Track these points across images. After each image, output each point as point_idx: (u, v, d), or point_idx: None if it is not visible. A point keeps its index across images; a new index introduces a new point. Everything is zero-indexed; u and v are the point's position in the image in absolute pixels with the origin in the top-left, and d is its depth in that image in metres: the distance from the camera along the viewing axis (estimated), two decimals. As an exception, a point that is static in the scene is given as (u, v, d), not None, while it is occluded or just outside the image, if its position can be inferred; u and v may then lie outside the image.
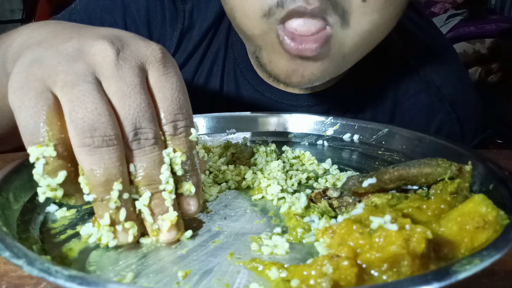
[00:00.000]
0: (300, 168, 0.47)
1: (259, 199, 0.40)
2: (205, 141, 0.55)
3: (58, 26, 0.37)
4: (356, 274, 0.26)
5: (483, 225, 0.29)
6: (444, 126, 0.65)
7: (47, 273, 0.24)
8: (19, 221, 0.34)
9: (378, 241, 0.27)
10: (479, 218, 0.29)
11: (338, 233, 0.29)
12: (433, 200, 0.33)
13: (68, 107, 0.29)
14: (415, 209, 0.32)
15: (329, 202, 0.36)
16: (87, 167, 0.29)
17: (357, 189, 0.36)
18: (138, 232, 0.32)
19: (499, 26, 1.72)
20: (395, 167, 0.36)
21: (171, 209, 0.32)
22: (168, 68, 0.33)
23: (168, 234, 0.32)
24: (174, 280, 0.28)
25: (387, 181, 0.35)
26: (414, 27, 0.69)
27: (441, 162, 0.35)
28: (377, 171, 0.37)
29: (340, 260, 0.26)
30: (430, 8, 2.05)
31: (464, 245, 0.28)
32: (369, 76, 0.65)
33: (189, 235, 0.33)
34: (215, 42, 0.66)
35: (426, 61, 0.66)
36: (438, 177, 0.35)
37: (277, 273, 0.28)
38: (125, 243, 0.32)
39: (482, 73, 1.67)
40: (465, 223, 0.29)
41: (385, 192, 0.36)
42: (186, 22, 0.65)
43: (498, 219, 0.29)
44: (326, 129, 0.57)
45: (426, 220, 0.31)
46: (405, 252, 0.26)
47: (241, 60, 0.66)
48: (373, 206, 0.34)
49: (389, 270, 0.26)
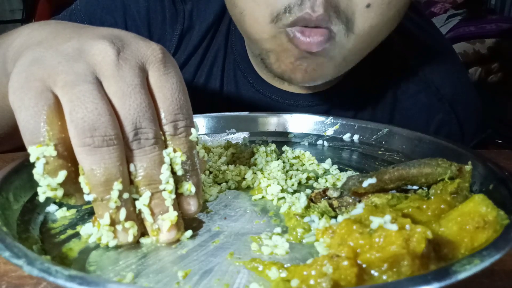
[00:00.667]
0: (300, 168, 0.47)
1: (259, 199, 0.40)
2: (205, 141, 0.55)
3: (58, 26, 0.37)
4: (356, 274, 0.26)
5: (483, 225, 0.29)
6: (443, 126, 0.65)
7: (47, 273, 0.24)
8: (19, 221, 0.34)
9: (378, 241, 0.27)
10: (479, 218, 0.29)
11: (338, 233, 0.29)
12: (433, 200, 0.33)
13: (68, 107, 0.29)
14: (415, 209, 0.32)
15: (329, 202, 0.36)
16: (87, 167, 0.29)
17: (357, 189, 0.36)
18: (138, 232, 0.32)
19: (499, 26, 1.73)
20: (395, 167, 0.36)
21: (171, 209, 0.32)
22: (169, 68, 0.33)
23: (168, 234, 0.32)
24: (174, 280, 0.28)
25: (387, 181, 0.36)
26: (414, 27, 0.69)
27: (441, 162, 0.35)
28: (377, 171, 0.37)
29: (340, 260, 0.26)
30: (430, 8, 2.05)
31: (464, 245, 0.28)
32: (369, 76, 0.65)
33: (189, 235, 0.33)
34: (214, 42, 0.67)
35: (425, 61, 0.66)
36: (438, 177, 0.35)
37: (277, 273, 0.28)
38: (125, 243, 0.32)
39: (482, 73, 1.67)
40: (465, 223, 0.29)
41: (385, 192, 0.36)
42: (186, 22, 0.65)
43: (498, 219, 0.29)
44: (326, 129, 0.57)
45: (426, 220, 0.31)
46: (405, 252, 0.26)
47: (241, 60, 0.66)
48: (373, 206, 0.34)
49: (389, 270, 0.26)
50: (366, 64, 0.58)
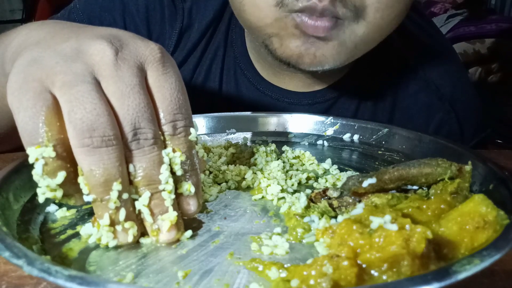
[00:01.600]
0: (300, 168, 0.47)
1: (259, 199, 0.40)
2: (205, 141, 0.55)
3: (56, 26, 0.37)
4: (356, 274, 0.26)
5: (483, 225, 0.29)
6: (443, 125, 0.66)
7: (47, 273, 0.24)
8: (19, 221, 0.34)
9: (378, 241, 0.27)
10: (479, 218, 0.29)
11: (338, 233, 0.29)
12: (433, 200, 0.33)
13: (66, 107, 0.29)
14: (415, 209, 0.32)
15: (329, 202, 0.36)
16: (86, 168, 0.29)
17: (357, 189, 0.36)
18: (138, 232, 0.32)
19: (499, 26, 1.73)
20: (395, 167, 0.36)
21: (170, 209, 0.32)
22: (167, 68, 0.33)
23: (168, 234, 0.32)
24: (174, 280, 0.28)
25: (387, 181, 0.35)
26: (415, 27, 0.69)
27: (441, 162, 0.35)
28: (377, 171, 0.37)
29: (340, 260, 0.26)
30: (430, 8, 2.05)
31: (464, 245, 0.28)
32: (369, 75, 0.65)
33: (189, 235, 0.33)
34: (214, 40, 0.66)
35: (425, 60, 0.66)
36: (438, 177, 0.35)
37: (277, 273, 0.28)
38: (125, 243, 0.32)
39: (482, 73, 1.67)
40: (465, 223, 0.29)
41: (385, 192, 0.36)
42: (185, 20, 0.65)
43: (498, 219, 0.29)
44: (326, 129, 0.57)
45: (426, 220, 0.31)
46: (405, 252, 0.26)
47: (241, 58, 0.66)
48: (373, 206, 0.34)
49: (389, 270, 0.26)
50: (366, 63, 0.58)
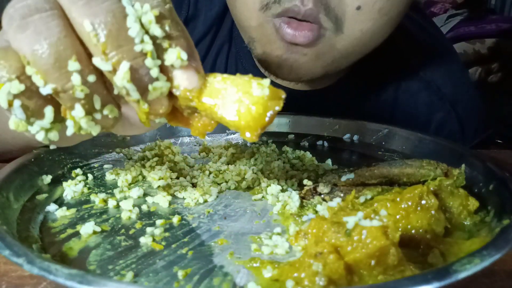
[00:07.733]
0: (300, 168, 0.47)
1: (259, 199, 0.40)
2: (205, 141, 0.55)
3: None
4: (345, 267, 0.26)
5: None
6: (444, 125, 0.65)
7: (47, 271, 0.24)
8: (19, 220, 0.34)
9: (359, 239, 0.27)
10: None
11: (311, 233, 0.30)
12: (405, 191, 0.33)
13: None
14: (389, 201, 0.32)
15: (322, 198, 0.37)
16: (28, 50, 0.24)
17: (336, 182, 0.38)
18: (120, 114, 0.27)
19: (499, 26, 1.72)
20: (376, 165, 0.38)
21: (163, 78, 0.25)
22: None
23: (188, 79, 0.25)
24: (174, 280, 0.28)
25: (368, 177, 0.37)
26: (415, 27, 0.69)
27: (425, 164, 0.37)
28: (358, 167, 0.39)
29: (325, 255, 0.26)
30: (430, 8, 2.05)
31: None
32: (369, 75, 0.65)
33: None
34: (220, 34, 0.66)
35: (426, 60, 0.66)
36: (420, 178, 0.37)
37: (270, 272, 0.28)
38: (109, 128, 0.27)
39: (482, 73, 1.67)
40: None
41: (369, 187, 0.37)
42: (191, 9, 0.65)
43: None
44: (326, 129, 0.57)
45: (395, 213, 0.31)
46: (390, 243, 0.26)
47: (243, 55, 0.66)
48: (344, 201, 0.35)
49: (377, 265, 0.26)
50: (366, 63, 0.58)
